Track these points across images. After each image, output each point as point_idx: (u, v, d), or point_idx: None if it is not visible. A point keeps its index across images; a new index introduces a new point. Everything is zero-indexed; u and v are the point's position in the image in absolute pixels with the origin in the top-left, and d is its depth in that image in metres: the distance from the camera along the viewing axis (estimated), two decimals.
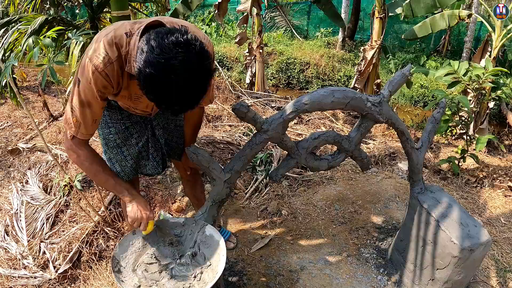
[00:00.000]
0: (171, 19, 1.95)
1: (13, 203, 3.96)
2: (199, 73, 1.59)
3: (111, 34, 1.82)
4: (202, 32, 2.03)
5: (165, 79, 1.54)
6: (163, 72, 1.53)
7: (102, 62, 1.80)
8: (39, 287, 3.11)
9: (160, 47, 1.52)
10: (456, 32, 11.45)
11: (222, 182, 2.28)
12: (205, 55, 1.59)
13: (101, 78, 1.84)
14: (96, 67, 1.81)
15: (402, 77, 2.52)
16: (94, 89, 1.86)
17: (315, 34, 13.12)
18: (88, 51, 1.88)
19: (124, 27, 1.84)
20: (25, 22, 4.07)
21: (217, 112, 6.10)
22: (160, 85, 1.57)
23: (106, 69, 1.82)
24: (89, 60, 1.82)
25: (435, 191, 2.79)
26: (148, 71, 1.54)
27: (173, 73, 1.52)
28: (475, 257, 2.47)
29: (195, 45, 1.55)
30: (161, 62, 1.51)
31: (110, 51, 1.80)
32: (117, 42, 1.81)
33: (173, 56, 1.51)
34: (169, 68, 1.52)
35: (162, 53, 1.51)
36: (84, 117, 1.96)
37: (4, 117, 6.30)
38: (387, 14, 6.04)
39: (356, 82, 6.55)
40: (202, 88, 1.64)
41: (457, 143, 5.53)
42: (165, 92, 1.59)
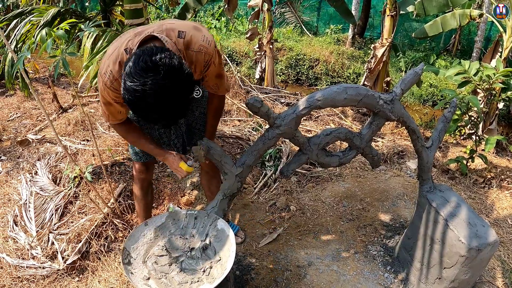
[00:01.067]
0: (170, 25, 2.08)
1: (22, 193, 3.99)
2: (171, 91, 1.72)
3: (115, 52, 2.02)
4: (201, 34, 2.13)
5: (142, 103, 1.71)
6: (137, 98, 1.70)
7: (109, 80, 2.03)
8: (47, 277, 3.14)
9: (131, 75, 1.68)
10: (467, 31, 11.37)
11: (234, 176, 2.29)
12: (175, 72, 1.72)
13: (111, 92, 2.07)
14: (105, 83, 2.05)
15: (414, 75, 2.51)
16: (109, 97, 2.10)
17: (325, 30, 13.04)
18: (101, 63, 2.12)
19: (125, 42, 2.02)
20: (37, 14, 4.08)
21: (226, 107, 6.10)
22: (140, 109, 1.76)
23: (113, 85, 2.04)
24: (99, 75, 2.09)
25: (444, 190, 2.78)
26: (127, 97, 1.73)
27: (147, 97, 1.69)
28: (482, 257, 2.47)
29: (163, 65, 1.68)
30: (135, 89, 1.68)
31: (113, 69, 2.01)
32: (120, 60, 1.99)
33: (143, 82, 1.66)
34: (142, 94, 1.68)
35: (134, 81, 1.67)
36: (109, 111, 2.23)
37: (14, 108, 6.34)
38: (398, 12, 6.02)
39: (366, 79, 6.53)
40: (180, 102, 1.79)
41: (465, 143, 5.52)
42: (146, 113, 1.78)
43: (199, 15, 14.09)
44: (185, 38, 2.06)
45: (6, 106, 6.41)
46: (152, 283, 2.02)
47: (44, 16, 3.89)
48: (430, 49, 11.59)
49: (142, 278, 2.05)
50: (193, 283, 2.03)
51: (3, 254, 3.28)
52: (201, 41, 2.10)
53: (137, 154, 2.80)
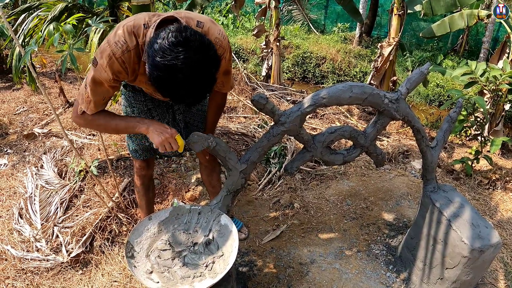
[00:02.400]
0: (188, 14, 2.04)
1: (28, 186, 4.02)
2: (202, 66, 1.69)
3: (131, 23, 1.93)
4: (217, 27, 2.12)
5: (172, 79, 1.67)
6: (168, 74, 1.65)
7: (120, 49, 1.91)
8: (51, 269, 3.16)
9: (161, 50, 1.64)
10: (474, 32, 11.34)
11: (238, 173, 2.30)
12: (205, 47, 1.70)
13: (117, 64, 1.94)
14: (114, 53, 1.91)
15: (420, 75, 2.51)
16: (109, 72, 1.96)
17: (332, 28, 13.05)
18: (109, 35, 1.98)
19: (144, 18, 1.95)
20: (45, 8, 4.09)
21: (232, 104, 6.11)
22: (169, 85, 1.70)
23: (123, 56, 1.93)
24: (108, 45, 1.93)
25: (448, 190, 2.78)
26: (156, 74, 1.68)
27: (178, 72, 1.65)
28: (485, 259, 2.46)
29: (194, 40, 1.66)
30: (165, 64, 1.64)
31: (129, 39, 1.91)
32: (135, 32, 1.92)
33: (175, 57, 1.62)
34: (173, 68, 1.64)
35: (164, 56, 1.63)
36: (95, 95, 2.05)
37: (20, 102, 6.36)
38: (405, 11, 6.00)
39: (372, 78, 6.52)
40: (209, 79, 1.76)
41: (471, 144, 5.50)
42: (175, 90, 1.72)
43: (206, 11, 14.09)
44: (203, 29, 2.04)
45: (13, 100, 6.44)
46: (154, 277, 2.04)
47: (52, 11, 3.90)
48: (438, 49, 11.56)
49: (145, 271, 2.06)
50: (195, 277, 2.05)
51: (8, 246, 3.31)
52: (217, 34, 2.09)
53: (136, 152, 2.78)
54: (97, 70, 1.98)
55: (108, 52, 1.92)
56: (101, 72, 1.97)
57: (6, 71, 7.53)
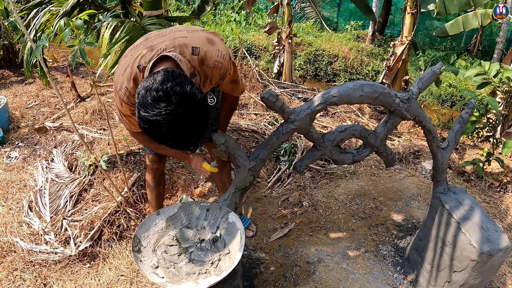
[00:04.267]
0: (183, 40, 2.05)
1: (38, 180, 4.04)
2: (186, 119, 1.75)
3: (128, 69, 2.03)
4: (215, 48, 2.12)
5: (158, 132, 1.76)
6: (154, 127, 1.74)
7: (126, 96, 2.06)
8: (59, 262, 3.19)
9: (144, 105, 1.72)
10: (488, 32, 11.21)
11: (247, 170, 2.30)
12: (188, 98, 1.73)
13: (128, 107, 2.11)
14: (122, 99, 2.09)
15: (432, 74, 2.49)
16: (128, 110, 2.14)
17: (345, 26, 12.97)
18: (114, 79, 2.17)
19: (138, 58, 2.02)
20: (57, 3, 4.10)
21: (243, 100, 6.11)
22: (157, 136, 1.79)
23: (130, 101, 2.07)
24: (115, 92, 2.13)
25: (458, 192, 2.75)
26: (142, 125, 1.77)
27: (162, 127, 1.73)
28: (494, 262, 2.44)
29: (175, 93, 1.70)
30: (149, 119, 1.72)
31: (128, 86, 2.04)
32: (134, 77, 2.02)
33: (157, 113, 1.69)
34: (157, 123, 1.72)
35: (147, 111, 1.70)
36: (130, 122, 2.25)
37: (33, 96, 6.40)
38: (419, 10, 5.95)
39: (384, 77, 6.48)
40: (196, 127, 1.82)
41: (482, 145, 5.45)
42: (164, 140, 1.81)
43: (219, 8, 14.06)
44: (199, 55, 2.05)
45: (25, 94, 6.48)
46: (160, 272, 2.05)
47: (64, 6, 3.90)
48: (451, 49, 11.46)
49: (151, 266, 2.07)
50: (201, 274, 2.05)
51: (17, 239, 3.34)
52: (216, 56, 2.10)
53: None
54: (119, 109, 2.19)
55: (118, 99, 2.11)
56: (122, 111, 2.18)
57: (18, 65, 7.58)
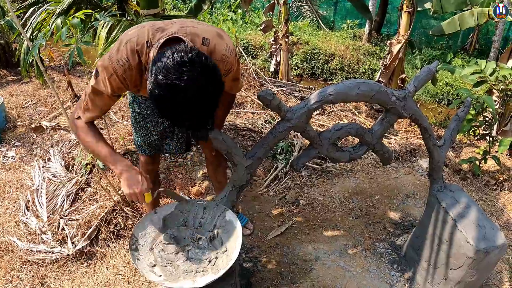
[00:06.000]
0: (194, 30, 2.02)
1: (35, 179, 4.04)
2: (205, 90, 1.66)
3: (134, 39, 1.92)
4: (224, 42, 2.10)
5: (173, 98, 1.64)
6: (170, 93, 1.63)
7: (122, 67, 1.93)
8: (56, 262, 3.18)
9: (165, 68, 1.61)
10: (485, 30, 11.23)
11: (243, 168, 2.30)
12: (210, 71, 1.67)
13: (117, 81, 1.97)
14: (115, 71, 1.94)
15: (428, 73, 2.50)
16: (109, 87, 1.98)
17: (342, 25, 12.97)
18: (112, 49, 1.99)
19: (147, 34, 1.94)
20: (53, 2, 4.09)
21: (240, 99, 6.11)
22: (169, 105, 1.67)
23: (125, 74, 1.95)
24: (110, 62, 1.94)
25: (455, 190, 2.76)
26: (157, 92, 1.65)
27: (180, 92, 1.62)
28: (490, 260, 2.45)
29: (200, 62, 1.63)
30: (168, 83, 1.61)
31: (131, 57, 1.92)
32: (139, 50, 1.92)
33: (178, 77, 1.60)
34: (175, 88, 1.61)
35: (168, 74, 1.60)
36: (93, 104, 2.08)
37: (29, 95, 6.38)
38: (415, 8, 5.95)
39: (381, 76, 6.49)
40: (211, 103, 1.73)
41: (479, 143, 5.46)
42: (174, 110, 1.70)
43: (216, 6, 14.05)
44: (209, 46, 2.03)
45: (22, 93, 6.46)
46: (157, 270, 2.04)
47: (60, 5, 3.90)
48: (447, 48, 11.48)
49: (148, 264, 2.07)
50: (198, 272, 2.05)
51: (14, 238, 3.33)
52: (224, 50, 2.08)
53: (141, 147, 2.79)
54: (98, 82, 2.00)
55: (109, 69, 1.94)
56: (102, 85, 2.00)
57: (15, 65, 7.56)
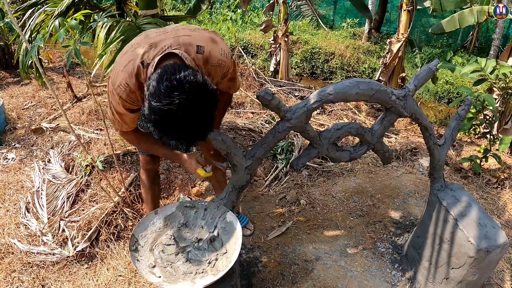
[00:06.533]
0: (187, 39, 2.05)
1: (35, 181, 4.04)
2: (198, 108, 1.72)
3: (130, 65, 1.98)
4: (219, 47, 2.15)
5: (169, 122, 1.71)
6: (165, 118, 1.70)
7: (125, 92, 2.01)
8: (57, 263, 3.19)
9: (157, 95, 1.67)
10: (484, 28, 11.22)
11: (243, 169, 2.29)
12: (200, 88, 1.71)
13: (127, 104, 2.07)
14: (120, 96, 2.03)
15: (428, 71, 2.49)
16: (123, 108, 2.09)
17: (341, 24, 12.97)
18: (111, 76, 2.08)
19: (141, 54, 1.98)
20: (52, 4, 4.09)
21: (240, 99, 6.10)
22: (166, 128, 1.75)
23: (129, 97, 2.03)
24: (113, 88, 2.04)
25: (455, 189, 2.75)
26: (153, 117, 1.72)
27: (174, 116, 1.68)
28: (491, 259, 2.44)
29: (188, 82, 1.67)
30: (161, 109, 1.67)
31: (130, 82, 1.99)
32: (136, 73, 1.98)
33: (170, 102, 1.65)
34: (169, 113, 1.67)
35: (160, 101, 1.66)
36: (123, 120, 2.20)
37: (29, 97, 6.40)
38: (415, 7, 5.95)
39: (381, 74, 6.48)
40: (207, 118, 1.79)
41: (479, 142, 5.45)
42: (173, 132, 1.78)
43: (215, 6, 14.06)
44: (204, 54, 2.06)
45: (22, 95, 6.47)
46: (157, 271, 2.05)
47: (59, 6, 3.89)
48: (447, 46, 11.48)
49: (148, 265, 2.07)
50: (198, 273, 2.05)
51: (15, 240, 3.33)
52: (219, 55, 2.12)
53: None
54: (113, 106, 2.11)
55: (115, 96, 2.04)
56: (116, 108, 2.10)
57: (14, 66, 7.56)
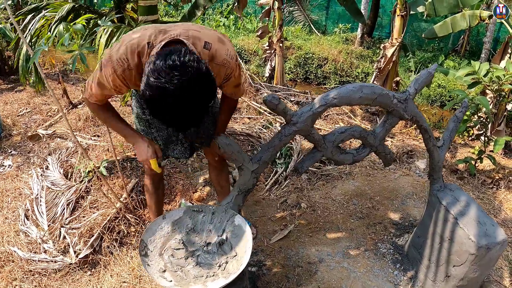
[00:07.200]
0: (196, 33, 2.04)
1: (33, 188, 4.00)
2: (194, 95, 1.69)
3: (135, 41, 1.95)
4: (226, 47, 2.13)
5: (162, 101, 1.69)
6: (159, 96, 1.67)
7: (121, 68, 1.97)
8: (59, 271, 3.16)
9: (157, 71, 1.65)
10: (475, 32, 11.32)
11: (250, 172, 2.32)
12: (202, 77, 1.69)
13: (117, 80, 2.02)
14: (115, 70, 1.98)
15: (428, 75, 2.55)
16: (111, 83, 2.04)
17: (334, 29, 13.03)
18: (113, 47, 2.03)
19: (149, 35, 1.96)
20: (52, 9, 4.11)
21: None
22: (158, 107, 1.72)
23: (124, 74, 1.99)
24: (110, 60, 1.98)
25: (454, 189, 2.80)
26: (147, 93, 1.70)
27: (169, 95, 1.65)
28: (492, 256, 2.49)
29: (192, 67, 1.65)
30: (158, 85, 1.65)
31: (131, 58, 1.95)
32: (139, 51, 1.94)
33: (169, 80, 1.63)
34: (164, 91, 1.65)
35: (159, 77, 1.64)
36: (97, 92, 2.16)
37: (23, 103, 6.36)
38: (408, 12, 6.02)
39: (375, 79, 6.52)
40: (200, 108, 1.76)
41: (473, 144, 5.52)
42: (163, 113, 1.75)
43: (208, 12, 14.05)
44: (211, 50, 2.04)
45: (16, 101, 6.44)
46: (167, 276, 2.05)
47: (59, 11, 3.92)
48: (439, 50, 11.56)
49: (158, 270, 2.08)
50: (209, 277, 2.06)
51: (15, 248, 3.30)
52: (225, 55, 2.10)
53: None
54: (101, 76, 2.05)
55: (109, 68, 1.99)
56: (103, 79, 2.05)
57: (8, 72, 7.54)
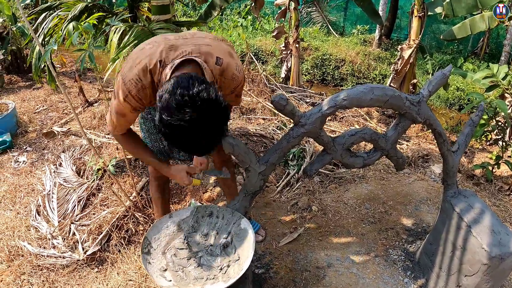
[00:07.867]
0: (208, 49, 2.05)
1: (46, 184, 4.05)
2: (209, 126, 1.74)
3: (147, 60, 1.96)
4: (235, 62, 2.17)
5: (179, 136, 1.76)
6: (175, 132, 1.74)
7: (135, 88, 1.98)
8: (67, 267, 3.19)
9: (168, 110, 1.69)
10: (495, 34, 11.17)
11: (257, 174, 2.28)
12: (212, 105, 1.72)
13: (133, 101, 2.03)
14: (129, 91, 1.99)
15: (442, 77, 2.47)
16: (128, 106, 2.06)
17: (351, 31, 12.97)
18: (123, 67, 2.05)
19: (160, 53, 1.97)
20: (65, 8, 4.12)
21: (251, 105, 6.09)
22: (176, 141, 1.79)
23: (139, 94, 2.00)
24: (123, 83, 2.01)
25: (469, 196, 2.73)
26: (163, 130, 1.76)
27: (184, 132, 1.72)
28: (505, 266, 2.41)
29: (202, 99, 1.68)
30: (171, 123, 1.71)
31: (143, 77, 1.96)
32: (151, 69, 1.97)
33: (181, 118, 1.68)
34: (180, 128, 1.71)
35: (171, 116, 1.69)
36: (119, 123, 2.19)
37: (40, 101, 6.44)
38: (426, 13, 5.93)
39: (392, 81, 6.46)
40: (217, 134, 1.83)
41: (491, 148, 5.42)
42: (181, 145, 1.82)
43: (226, 13, 14.10)
44: (222, 66, 2.06)
45: (33, 99, 6.53)
46: (168, 275, 2.05)
47: (72, 10, 3.92)
48: (458, 52, 11.43)
49: (159, 269, 2.07)
50: (208, 279, 2.04)
51: (25, 243, 3.34)
52: (235, 69, 2.13)
53: None
54: (117, 103, 2.08)
55: (124, 89, 2.00)
56: (121, 106, 2.07)
57: (26, 70, 7.63)
